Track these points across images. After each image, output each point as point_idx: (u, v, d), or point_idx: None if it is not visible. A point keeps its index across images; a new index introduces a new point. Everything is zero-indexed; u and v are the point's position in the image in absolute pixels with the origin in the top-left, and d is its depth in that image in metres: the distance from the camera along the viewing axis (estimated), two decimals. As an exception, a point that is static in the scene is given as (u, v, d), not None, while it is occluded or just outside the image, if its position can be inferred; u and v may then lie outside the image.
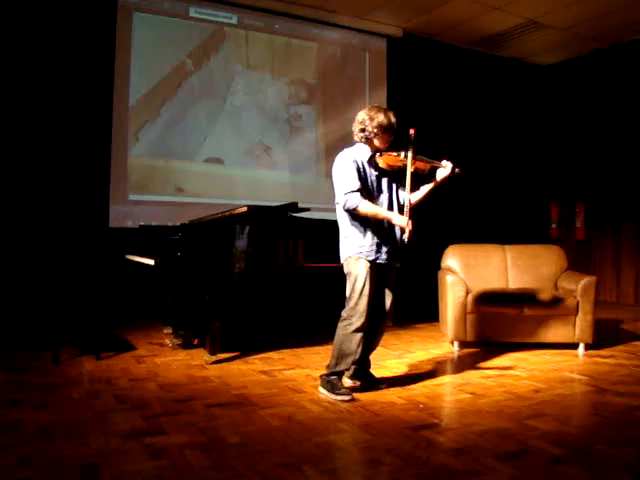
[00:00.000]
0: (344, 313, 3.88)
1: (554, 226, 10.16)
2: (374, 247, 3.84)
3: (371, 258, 3.82)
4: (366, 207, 3.77)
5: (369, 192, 3.87)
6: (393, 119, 3.89)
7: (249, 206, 4.72)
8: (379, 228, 3.86)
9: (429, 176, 3.95)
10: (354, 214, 3.83)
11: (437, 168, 3.94)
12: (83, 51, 6.83)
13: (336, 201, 3.90)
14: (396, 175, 3.98)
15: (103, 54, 6.98)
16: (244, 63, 7.94)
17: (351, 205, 3.76)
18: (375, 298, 3.87)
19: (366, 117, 3.88)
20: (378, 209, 3.83)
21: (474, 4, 7.81)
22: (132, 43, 7.18)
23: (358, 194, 3.76)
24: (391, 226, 3.91)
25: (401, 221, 3.76)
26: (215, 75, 7.73)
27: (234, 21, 7.86)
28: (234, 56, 7.87)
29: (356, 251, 3.83)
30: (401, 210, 3.92)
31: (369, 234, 3.84)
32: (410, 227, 3.71)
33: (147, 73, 7.27)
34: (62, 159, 6.69)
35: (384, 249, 3.87)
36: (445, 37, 9.09)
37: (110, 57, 7.03)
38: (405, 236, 3.73)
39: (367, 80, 8.78)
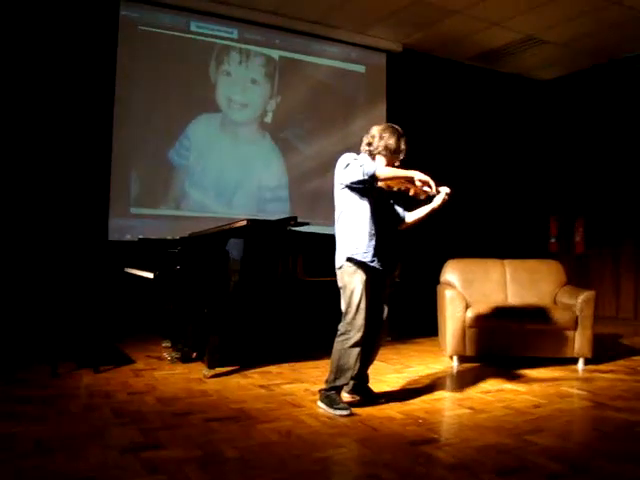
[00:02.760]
0: (341, 327, 3.86)
1: (553, 241, 10.17)
2: (371, 250, 3.80)
3: (367, 260, 3.79)
4: (384, 169, 3.72)
5: (369, 199, 3.86)
6: (403, 146, 3.87)
7: (249, 220, 4.73)
8: (377, 234, 3.84)
9: (426, 201, 3.95)
10: (355, 213, 3.81)
11: (434, 196, 3.92)
12: (85, 64, 6.88)
13: (345, 182, 3.81)
14: (394, 195, 3.98)
15: (105, 67, 7.03)
16: (244, 78, 7.98)
17: (369, 170, 3.65)
18: (371, 311, 3.84)
19: (376, 134, 3.88)
20: (396, 169, 3.79)
21: (473, 20, 7.87)
22: (134, 56, 7.22)
23: (372, 161, 3.77)
24: (388, 236, 3.91)
25: (423, 176, 3.63)
26: (216, 89, 7.77)
27: (235, 36, 7.91)
28: (235, 71, 7.91)
29: (351, 252, 3.80)
30: (394, 228, 3.91)
31: (366, 237, 3.80)
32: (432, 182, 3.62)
33: (149, 86, 7.31)
34: (61, 172, 6.71)
35: (379, 256, 3.84)
36: (445, 52, 9.14)
37: (112, 70, 7.07)
38: (433, 189, 3.65)
39: (366, 95, 8.82)
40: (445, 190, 3.88)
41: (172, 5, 7.43)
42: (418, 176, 3.65)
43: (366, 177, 3.68)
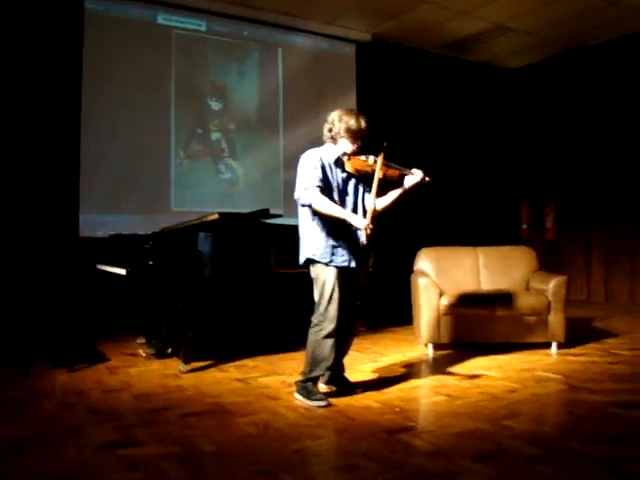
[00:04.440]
0: (314, 319, 3.86)
1: (525, 227, 10.27)
2: (329, 249, 3.80)
3: (325, 260, 3.79)
4: (321, 204, 3.73)
5: (333, 193, 3.86)
6: (363, 124, 3.86)
7: (221, 213, 4.70)
8: (337, 230, 3.83)
9: (398, 183, 3.94)
10: (313, 214, 3.83)
11: (406, 175, 3.94)
12: (51, 59, 6.76)
13: (294, 196, 3.89)
14: (364, 179, 3.97)
15: (72, 62, 6.90)
16: (213, 70, 7.91)
17: (306, 200, 3.75)
18: (344, 302, 3.83)
19: (336, 117, 3.89)
20: (334, 207, 3.76)
21: (442, 9, 7.88)
22: (101, 50, 7.10)
23: (317, 190, 3.73)
24: (353, 230, 3.89)
25: (358, 222, 3.71)
26: (185, 81, 7.69)
27: (203, 28, 7.83)
28: (204, 63, 7.85)
29: (312, 252, 3.82)
30: (366, 213, 3.90)
31: (324, 236, 3.81)
32: (368, 230, 3.65)
33: (117, 80, 7.20)
34: (29, 168, 6.59)
35: (341, 252, 3.83)
36: (414, 42, 9.15)
37: (78, 65, 6.95)
38: (362, 239, 3.72)
39: (336, 86, 8.79)
40: (418, 172, 3.89)
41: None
42: (353, 221, 3.74)
43: (301, 203, 3.84)
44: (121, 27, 7.29)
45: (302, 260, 3.91)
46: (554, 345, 5.47)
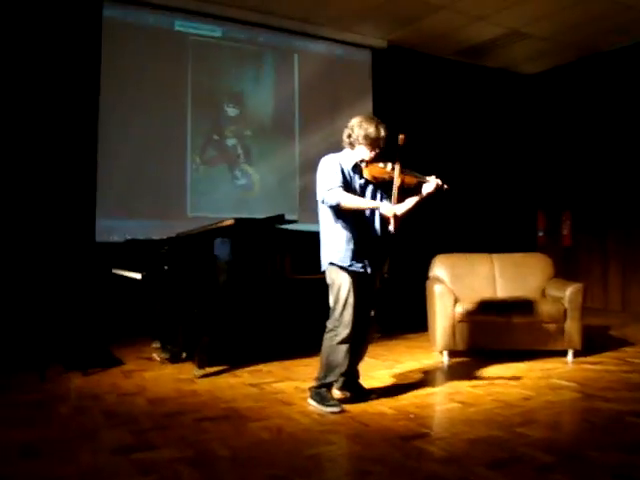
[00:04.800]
0: (329, 324, 3.86)
1: (541, 234, 10.22)
2: (349, 253, 3.80)
3: (345, 264, 3.79)
4: (348, 200, 3.73)
5: None
6: (382, 133, 3.86)
7: (236, 219, 4.72)
8: (358, 235, 3.84)
9: (415, 190, 3.93)
10: (335, 217, 3.84)
11: (424, 183, 3.93)
12: (69, 66, 6.80)
13: (318, 200, 3.89)
14: (381, 186, 3.98)
15: (90, 68, 6.95)
16: (229, 77, 7.95)
17: (333, 200, 3.72)
18: (359, 308, 3.83)
19: (355, 124, 3.89)
20: (361, 200, 3.82)
21: (458, 15, 7.87)
22: (119, 56, 7.15)
23: (340, 189, 3.74)
24: (373, 236, 3.91)
25: (387, 210, 3.71)
26: (201, 88, 7.73)
27: (219, 34, 7.87)
28: (220, 69, 7.89)
29: (333, 256, 3.82)
30: (382, 224, 3.91)
31: (345, 240, 3.82)
32: (398, 214, 3.66)
33: (134, 86, 7.26)
34: (46, 174, 6.64)
35: (360, 257, 3.84)
36: (430, 48, 9.14)
37: (96, 71, 7.00)
38: (391, 227, 3.69)
39: (352, 92, 8.80)
40: (435, 180, 3.89)
41: (155, 4, 7.38)
42: (382, 209, 3.75)
43: (328, 205, 3.80)
44: (138, 34, 7.35)
45: (325, 266, 3.91)
46: (570, 353, 5.43)
